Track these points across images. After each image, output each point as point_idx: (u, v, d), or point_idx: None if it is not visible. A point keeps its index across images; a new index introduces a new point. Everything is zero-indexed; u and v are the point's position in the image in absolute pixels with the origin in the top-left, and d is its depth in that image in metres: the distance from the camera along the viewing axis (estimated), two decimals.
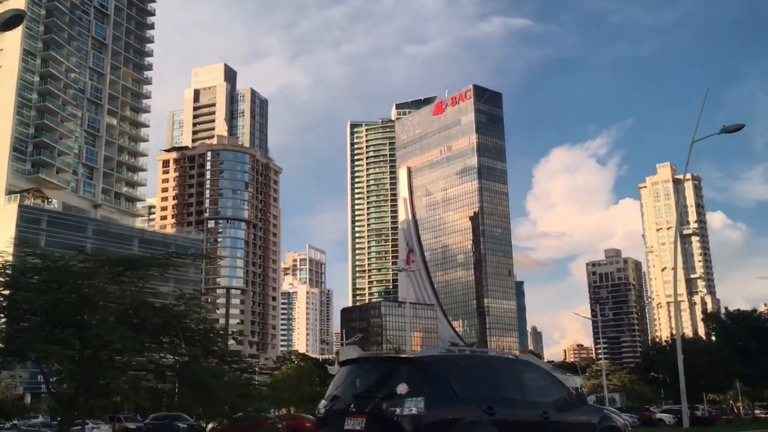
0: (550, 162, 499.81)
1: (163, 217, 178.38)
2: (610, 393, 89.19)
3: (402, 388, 7.09)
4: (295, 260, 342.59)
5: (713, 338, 65.14)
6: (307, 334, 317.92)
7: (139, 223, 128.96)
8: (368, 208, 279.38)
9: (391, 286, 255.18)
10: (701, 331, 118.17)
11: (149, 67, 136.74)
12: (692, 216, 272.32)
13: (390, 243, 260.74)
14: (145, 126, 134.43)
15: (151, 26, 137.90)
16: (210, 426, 44.46)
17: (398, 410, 6.99)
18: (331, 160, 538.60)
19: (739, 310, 64.37)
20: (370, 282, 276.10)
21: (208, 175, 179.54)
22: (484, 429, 7.56)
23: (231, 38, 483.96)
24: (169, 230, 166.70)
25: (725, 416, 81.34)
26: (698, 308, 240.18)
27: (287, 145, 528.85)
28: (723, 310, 67.43)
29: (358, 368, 9.15)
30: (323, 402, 9.00)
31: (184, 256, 33.03)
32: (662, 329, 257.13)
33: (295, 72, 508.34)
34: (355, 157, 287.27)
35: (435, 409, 7.13)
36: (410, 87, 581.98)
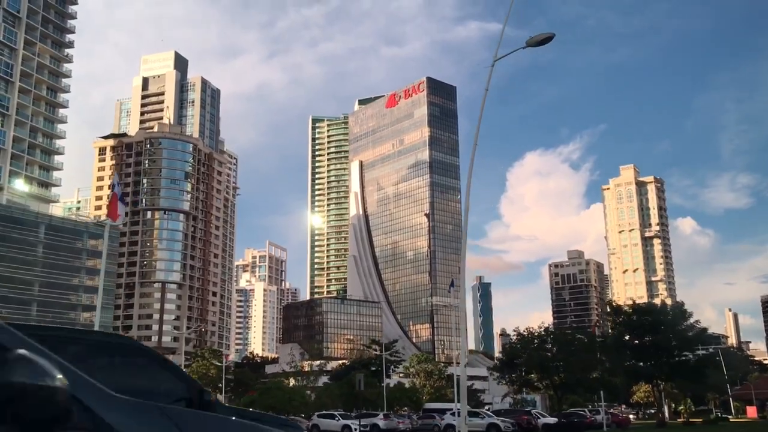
0: (524, 166, 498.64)
1: (98, 207, 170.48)
2: (532, 395, 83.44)
3: None
4: (254, 257, 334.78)
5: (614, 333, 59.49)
6: (264, 333, 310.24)
7: (52, 209, 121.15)
8: (328, 205, 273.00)
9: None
10: None
11: (70, 45, 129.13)
12: (654, 219, 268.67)
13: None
14: (63, 107, 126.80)
15: (74, 1, 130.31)
16: None
17: None
18: (302, 158, 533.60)
19: (648, 303, 58.90)
20: (328, 280, 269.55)
21: (146, 164, 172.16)
22: None
23: (206, 34, 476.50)
24: (104, 221, 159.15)
25: (650, 420, 75.77)
26: None
27: (262, 143, 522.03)
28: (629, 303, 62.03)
29: None
30: None
31: None
32: None
33: (272, 71, 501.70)
34: (317, 153, 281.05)
35: None
36: (385, 88, 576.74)
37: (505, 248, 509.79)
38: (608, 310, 66.34)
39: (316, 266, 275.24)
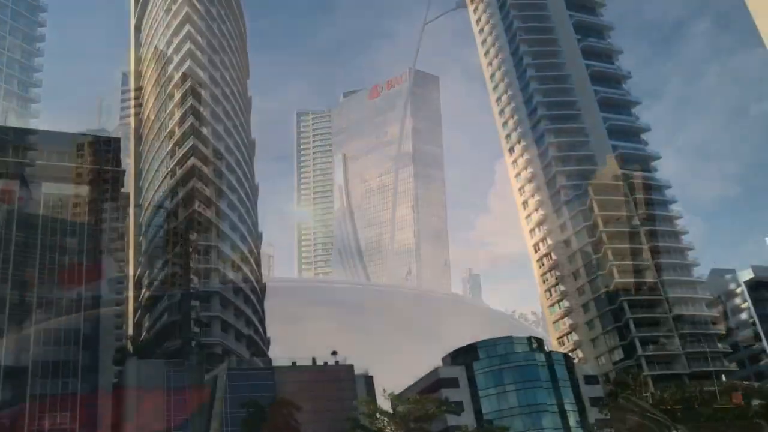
0: (513, 158, 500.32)
1: (76, 204, 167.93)
2: None
3: None
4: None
5: None
6: None
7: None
8: (314, 199, 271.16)
9: None
10: None
11: (41, 38, 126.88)
12: (642, 208, 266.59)
13: None
14: (35, 102, 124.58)
15: None
16: None
17: None
18: (289, 152, 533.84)
19: (626, 291, 57.56)
20: (316, 273, 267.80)
21: (126, 160, 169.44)
22: None
23: (188, 28, 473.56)
24: (83, 219, 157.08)
25: None
26: None
27: (257, 141, 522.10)
28: None
29: None
30: None
31: None
32: None
33: (258, 64, 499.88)
34: (302, 147, 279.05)
35: None
36: (374, 80, 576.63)
37: (494, 240, 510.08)
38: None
39: (303, 260, 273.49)
